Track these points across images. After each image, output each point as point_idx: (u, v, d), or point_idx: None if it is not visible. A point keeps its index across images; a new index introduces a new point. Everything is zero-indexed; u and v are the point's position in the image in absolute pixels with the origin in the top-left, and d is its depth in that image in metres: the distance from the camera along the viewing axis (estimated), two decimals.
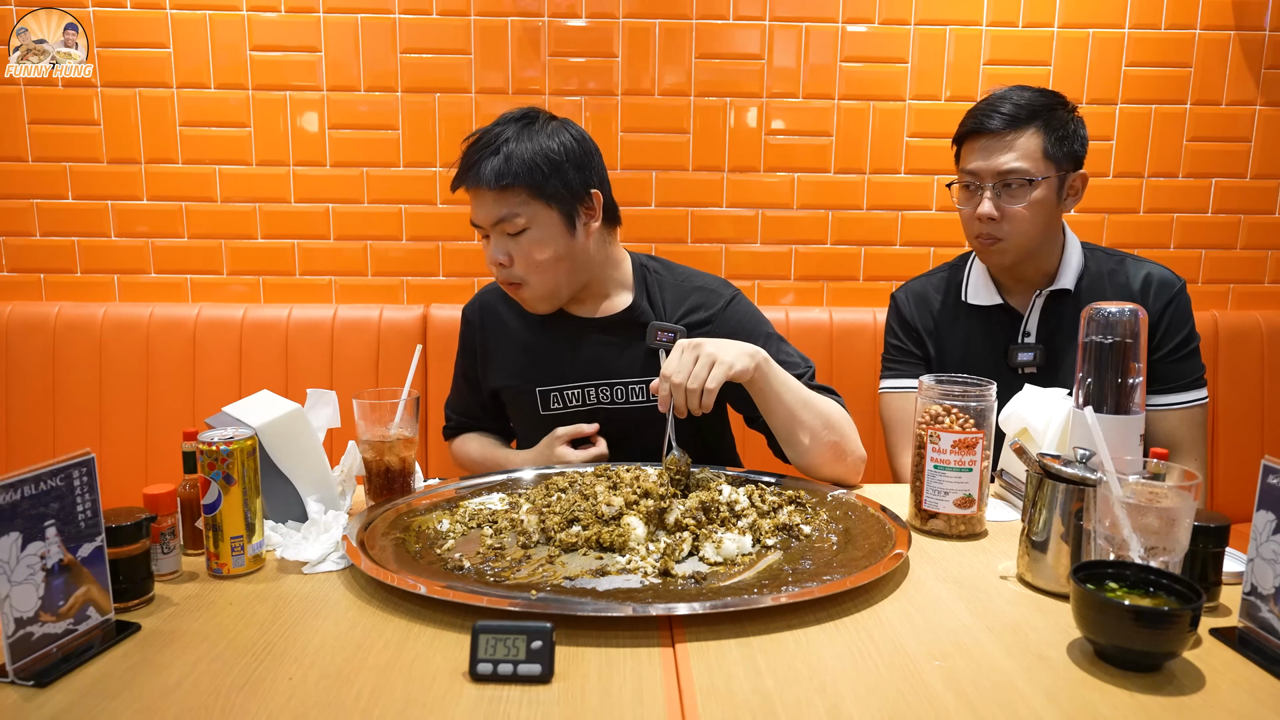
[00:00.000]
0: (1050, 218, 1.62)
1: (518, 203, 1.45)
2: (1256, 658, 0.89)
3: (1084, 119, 1.64)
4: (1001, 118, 1.58)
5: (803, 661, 0.88)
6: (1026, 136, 1.58)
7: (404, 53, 2.23)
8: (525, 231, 1.46)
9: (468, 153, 1.48)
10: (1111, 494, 0.94)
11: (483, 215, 1.48)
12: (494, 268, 1.51)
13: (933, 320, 1.78)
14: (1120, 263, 1.70)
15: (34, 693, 0.81)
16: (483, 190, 1.45)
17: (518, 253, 1.48)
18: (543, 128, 1.48)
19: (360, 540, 1.12)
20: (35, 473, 0.85)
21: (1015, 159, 1.57)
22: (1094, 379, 1.20)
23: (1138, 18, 2.27)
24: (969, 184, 1.63)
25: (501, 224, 1.46)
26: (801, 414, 1.41)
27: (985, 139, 1.60)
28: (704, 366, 1.31)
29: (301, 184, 2.27)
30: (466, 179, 1.46)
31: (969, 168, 1.62)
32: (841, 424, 1.44)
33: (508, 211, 1.45)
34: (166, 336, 2.15)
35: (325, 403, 1.33)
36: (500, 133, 1.46)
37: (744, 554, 1.13)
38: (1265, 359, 2.23)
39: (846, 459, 1.44)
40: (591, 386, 1.58)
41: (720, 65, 2.27)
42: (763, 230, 2.34)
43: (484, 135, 1.48)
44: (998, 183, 1.59)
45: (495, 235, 1.48)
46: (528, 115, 1.50)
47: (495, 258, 1.49)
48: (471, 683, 0.84)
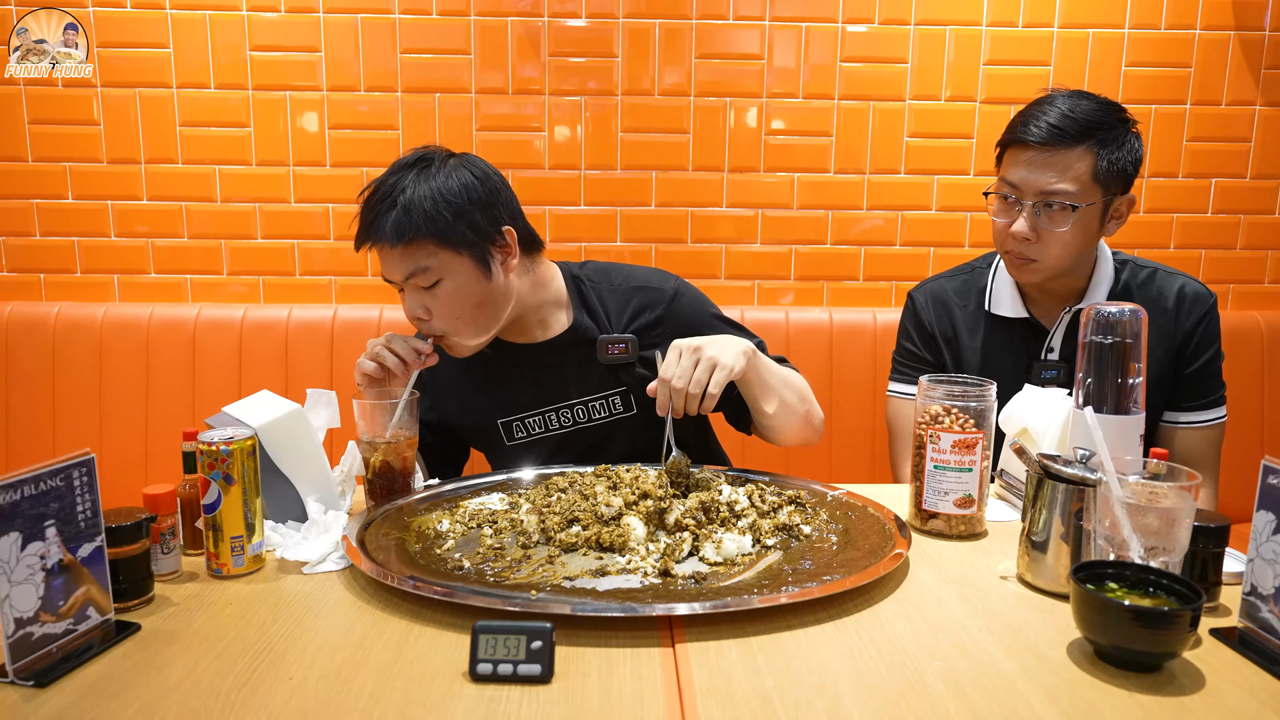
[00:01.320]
0: (1088, 242, 1.51)
1: (424, 255, 1.34)
2: (1256, 658, 0.89)
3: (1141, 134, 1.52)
4: (1051, 130, 1.45)
5: (803, 661, 0.88)
6: (1077, 155, 1.45)
7: (404, 53, 2.23)
8: (439, 284, 1.36)
9: (365, 208, 1.37)
10: (1111, 494, 0.94)
11: (391, 272, 1.37)
12: (414, 322, 1.41)
13: (952, 327, 1.69)
14: (1152, 275, 1.62)
15: (34, 693, 0.81)
16: (385, 247, 1.34)
17: (435, 306, 1.37)
18: (440, 169, 1.37)
19: (360, 540, 1.12)
20: (35, 473, 0.85)
21: (1061, 180, 1.45)
22: (1094, 379, 1.20)
23: (1138, 18, 2.27)
24: (1007, 196, 1.51)
25: (413, 279, 1.36)
26: (786, 395, 1.46)
27: (1031, 151, 1.47)
28: (705, 371, 1.29)
29: (301, 184, 2.27)
30: (369, 236, 1.35)
31: (1010, 179, 1.50)
32: (808, 393, 1.53)
33: (416, 266, 1.34)
34: (166, 336, 2.15)
35: (325, 403, 1.33)
36: (395, 182, 1.35)
37: (744, 554, 1.13)
38: (1265, 359, 2.23)
39: (813, 423, 1.53)
40: (552, 411, 1.55)
41: (720, 65, 2.27)
42: (763, 230, 2.34)
43: (379, 188, 1.36)
44: (1038, 202, 1.47)
45: (409, 290, 1.38)
46: (423, 159, 1.39)
47: (414, 313, 1.39)
48: (471, 683, 0.84)
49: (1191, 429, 1.61)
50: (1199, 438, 1.61)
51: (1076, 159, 1.45)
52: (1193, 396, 1.60)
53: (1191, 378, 1.60)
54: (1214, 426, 1.61)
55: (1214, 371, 1.61)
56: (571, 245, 2.30)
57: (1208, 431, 1.61)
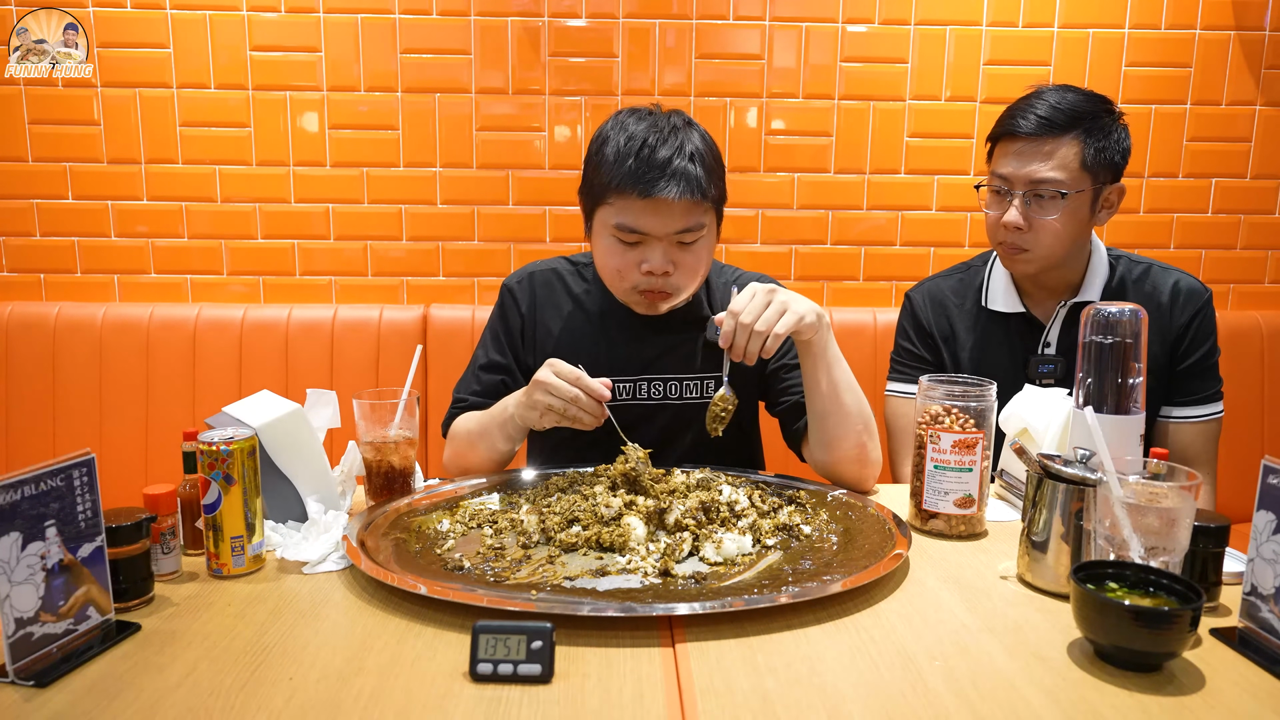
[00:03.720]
0: (1081, 231, 1.55)
1: (702, 212, 1.38)
2: (1256, 658, 0.89)
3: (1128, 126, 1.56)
4: (1039, 121, 1.49)
5: (803, 661, 0.88)
6: (1065, 144, 1.49)
7: (404, 53, 2.23)
8: (698, 241, 1.40)
9: (650, 154, 1.34)
10: (1111, 494, 0.94)
11: (665, 224, 1.36)
12: (648, 276, 1.41)
13: (949, 325, 1.71)
14: (1147, 271, 1.64)
15: (34, 693, 0.81)
16: (668, 200, 1.33)
17: (684, 262, 1.41)
18: (694, 127, 1.42)
19: (360, 540, 1.12)
20: (35, 473, 0.85)
21: (1049, 168, 1.49)
22: (1094, 379, 1.20)
23: (1138, 18, 2.27)
24: (999, 188, 1.55)
25: (684, 234, 1.38)
26: (845, 396, 1.38)
27: (1020, 143, 1.51)
28: (775, 311, 1.26)
29: (301, 184, 2.27)
30: (653, 185, 1.33)
31: (1000, 171, 1.54)
32: (873, 424, 1.42)
33: (694, 222, 1.38)
34: (166, 336, 2.15)
35: (325, 403, 1.33)
36: (682, 139, 1.36)
37: (744, 554, 1.13)
38: (1265, 359, 2.23)
39: (869, 465, 1.42)
40: (644, 380, 1.55)
41: (720, 65, 2.27)
42: (763, 230, 2.34)
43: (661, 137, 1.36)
44: (1028, 191, 1.51)
45: (665, 244, 1.39)
46: (673, 114, 1.42)
47: (661, 267, 1.39)
48: (471, 683, 0.84)
49: (1187, 424, 1.61)
50: (1195, 433, 1.61)
51: (1064, 148, 1.49)
52: (1189, 392, 1.61)
53: (1187, 373, 1.61)
54: (1211, 422, 1.62)
55: (1209, 367, 1.62)
56: (572, 245, 2.30)
57: (1204, 426, 1.61)
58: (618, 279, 1.45)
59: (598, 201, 1.43)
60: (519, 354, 1.61)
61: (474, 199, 2.29)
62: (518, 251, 2.32)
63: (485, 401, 1.57)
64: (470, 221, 2.31)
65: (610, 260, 1.44)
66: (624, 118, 1.43)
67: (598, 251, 1.48)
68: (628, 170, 1.35)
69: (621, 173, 1.35)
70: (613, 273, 1.45)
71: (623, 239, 1.41)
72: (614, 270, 1.44)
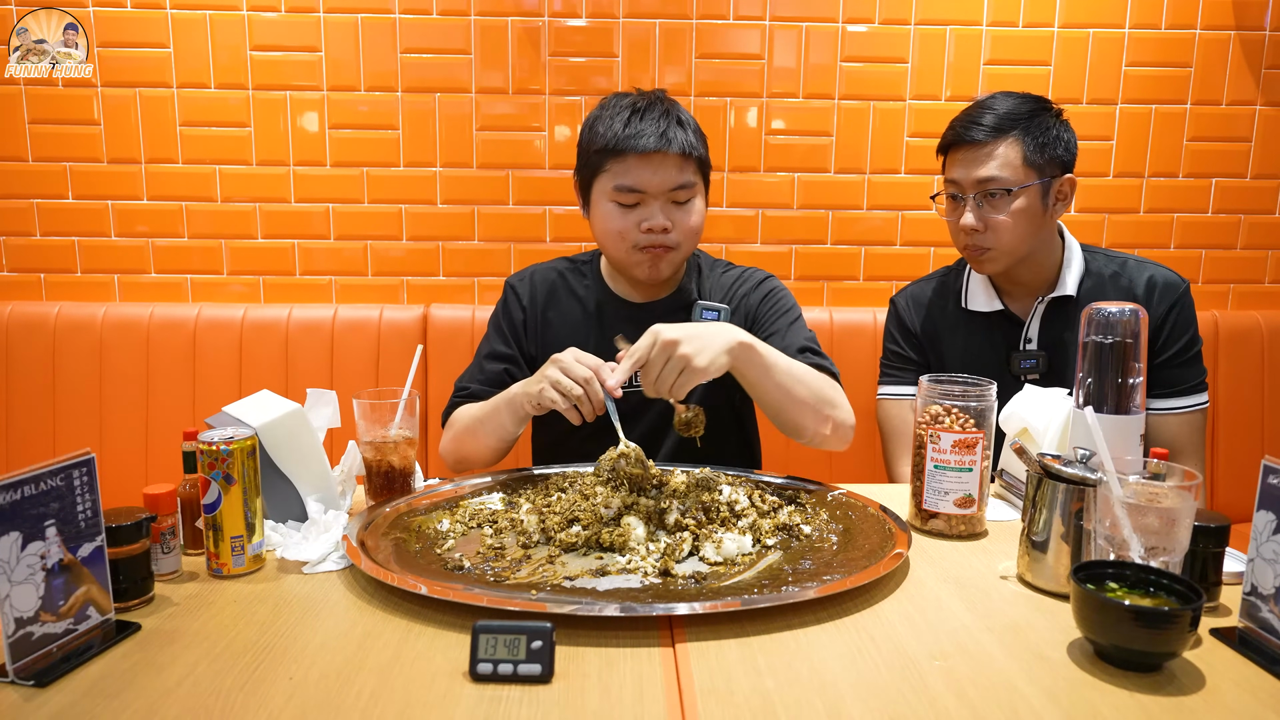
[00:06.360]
0: (1036, 224, 1.61)
1: (691, 171, 1.51)
2: (1256, 658, 0.89)
3: (1070, 121, 1.63)
4: (979, 128, 1.59)
5: (803, 661, 0.88)
6: (1005, 145, 1.58)
7: (404, 53, 2.23)
8: (690, 201, 1.52)
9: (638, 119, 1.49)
10: (1111, 494, 0.94)
11: (662, 178, 1.49)
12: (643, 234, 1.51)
13: (933, 326, 1.77)
14: (1123, 265, 1.68)
15: (34, 693, 0.81)
16: (668, 155, 1.47)
17: (680, 220, 1.52)
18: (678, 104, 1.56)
19: (360, 540, 1.12)
20: (35, 473, 0.85)
21: (994, 168, 1.58)
22: (1094, 379, 1.20)
23: (1138, 18, 2.27)
24: (953, 194, 1.64)
25: (677, 191, 1.50)
26: (796, 390, 1.41)
27: (965, 150, 1.61)
28: (673, 371, 1.26)
29: (301, 184, 2.27)
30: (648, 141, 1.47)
31: (950, 177, 1.64)
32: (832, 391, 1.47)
33: (685, 180, 1.50)
34: (166, 336, 2.14)
35: (325, 403, 1.33)
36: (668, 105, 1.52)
37: (744, 554, 1.13)
38: (1265, 359, 2.23)
39: (841, 428, 1.47)
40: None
41: (720, 65, 2.27)
42: (763, 230, 2.34)
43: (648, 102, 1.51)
44: (979, 193, 1.59)
45: (662, 202, 1.50)
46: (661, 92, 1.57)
47: (660, 224, 1.50)
48: (471, 683, 0.84)
49: (1172, 415, 1.62)
50: (1180, 424, 1.62)
51: (1006, 148, 1.58)
52: (1171, 383, 1.63)
53: (1167, 365, 1.63)
54: (1195, 413, 1.63)
55: (1191, 358, 1.64)
56: (572, 245, 2.30)
57: (1189, 417, 1.63)
58: (619, 241, 1.53)
59: (595, 171, 1.54)
60: (523, 345, 1.67)
61: (474, 199, 2.29)
62: (518, 251, 2.32)
63: (488, 390, 1.59)
64: (470, 221, 2.30)
65: (611, 224, 1.53)
66: (611, 99, 1.56)
67: (597, 220, 1.56)
68: (623, 135, 1.48)
69: (617, 136, 1.48)
70: (615, 236, 1.53)
71: (622, 201, 1.51)
72: (615, 233, 1.53)
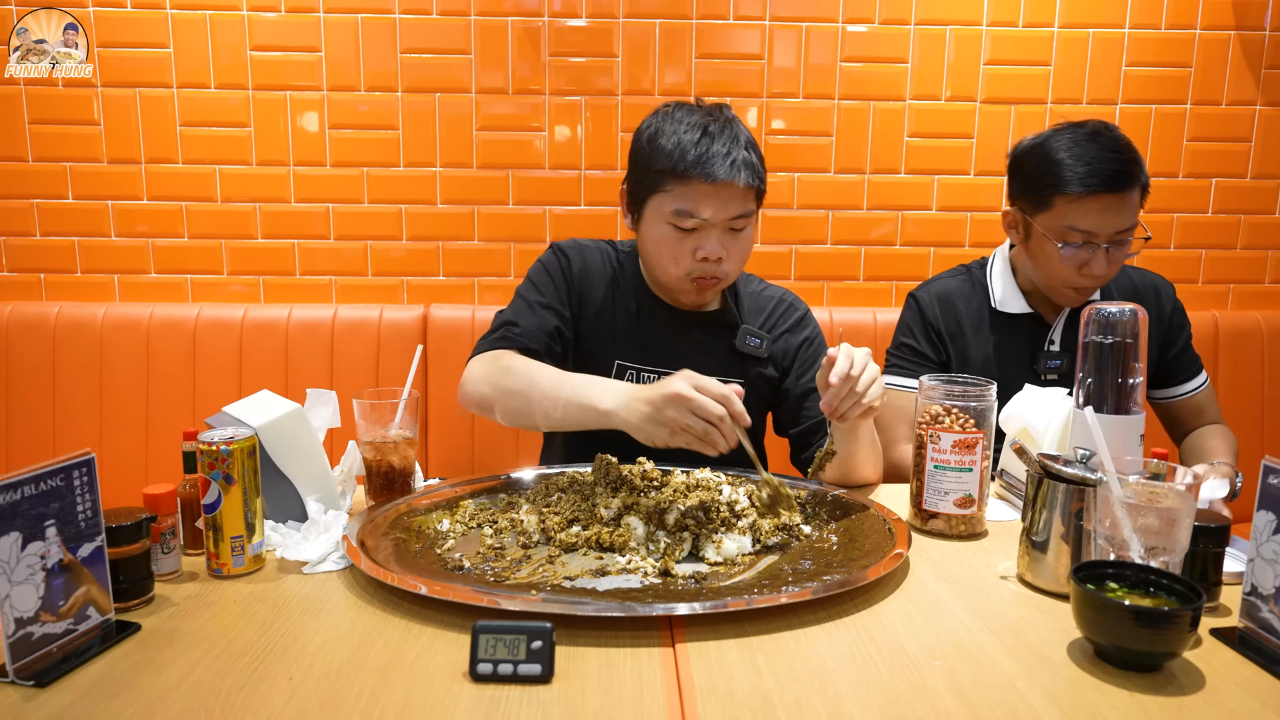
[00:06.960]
0: None
1: (751, 199, 1.45)
2: (1256, 658, 0.89)
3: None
4: (1121, 178, 1.49)
5: (803, 661, 0.88)
6: (1135, 190, 1.52)
7: (404, 53, 2.23)
8: (745, 229, 1.46)
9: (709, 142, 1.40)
10: (1112, 494, 0.94)
11: (724, 208, 1.41)
12: (697, 264, 1.44)
13: (958, 324, 1.74)
14: (1122, 270, 1.74)
15: (34, 693, 0.81)
16: (735, 186, 1.40)
17: (734, 248, 1.46)
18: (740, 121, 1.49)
19: (360, 540, 1.12)
20: (35, 473, 0.85)
21: (1131, 218, 1.53)
22: (1094, 379, 1.20)
23: (1138, 18, 2.27)
24: (1081, 242, 1.54)
25: (736, 220, 1.43)
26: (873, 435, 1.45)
27: (1111, 198, 1.50)
28: (868, 380, 1.24)
29: (301, 184, 2.27)
30: (717, 170, 1.38)
31: (1083, 227, 1.52)
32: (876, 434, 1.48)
33: (747, 209, 1.44)
34: (166, 336, 2.14)
35: (325, 403, 1.33)
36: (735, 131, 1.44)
37: (744, 554, 1.13)
38: (1265, 359, 2.23)
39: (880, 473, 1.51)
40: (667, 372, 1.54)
41: (720, 65, 2.27)
42: (763, 230, 2.34)
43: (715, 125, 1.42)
44: (1112, 241, 1.53)
45: (720, 231, 1.43)
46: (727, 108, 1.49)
47: (714, 253, 1.43)
48: (471, 683, 0.84)
49: (1198, 393, 1.80)
50: (1205, 397, 1.80)
51: (1135, 193, 1.53)
52: (1187, 369, 1.78)
53: (1182, 354, 1.77)
54: (1209, 387, 1.82)
55: (1191, 347, 1.80)
56: None
57: (1209, 390, 1.81)
58: (672, 265, 1.47)
59: (653, 189, 1.45)
60: (571, 308, 1.56)
61: (474, 199, 2.29)
62: (518, 251, 2.32)
63: (537, 337, 1.49)
64: (470, 221, 2.31)
65: (665, 248, 1.46)
66: (673, 110, 1.47)
67: (649, 240, 1.49)
68: (692, 157, 1.39)
69: (685, 159, 1.39)
70: (668, 260, 1.47)
71: (679, 225, 1.43)
72: (669, 258, 1.47)
